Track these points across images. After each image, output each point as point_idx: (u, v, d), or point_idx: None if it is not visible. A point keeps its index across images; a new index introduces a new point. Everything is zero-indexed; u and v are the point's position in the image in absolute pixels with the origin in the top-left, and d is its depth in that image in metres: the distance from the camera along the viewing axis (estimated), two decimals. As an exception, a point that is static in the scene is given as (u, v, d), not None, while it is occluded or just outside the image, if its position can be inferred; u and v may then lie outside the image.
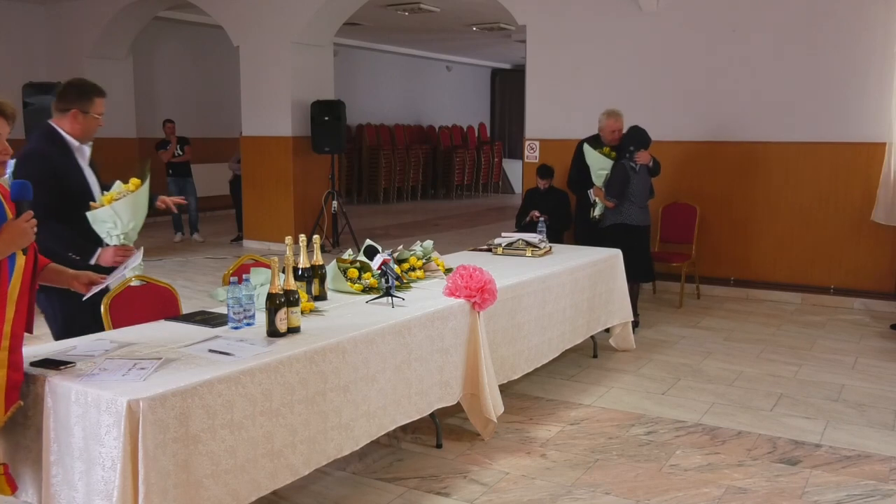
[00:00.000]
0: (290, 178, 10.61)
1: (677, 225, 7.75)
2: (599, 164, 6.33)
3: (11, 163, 3.29)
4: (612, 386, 5.08)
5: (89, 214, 3.60)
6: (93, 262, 3.48)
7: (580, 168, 6.55)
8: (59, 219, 3.54)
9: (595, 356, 5.65)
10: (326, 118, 10.36)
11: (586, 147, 6.45)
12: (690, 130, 7.98)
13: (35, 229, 2.68)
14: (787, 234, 7.68)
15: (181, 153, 11.06)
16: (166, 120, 11.28)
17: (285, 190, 10.64)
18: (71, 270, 3.08)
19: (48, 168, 3.58)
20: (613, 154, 6.30)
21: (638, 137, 6.26)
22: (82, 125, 3.72)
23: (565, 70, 8.55)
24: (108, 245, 3.63)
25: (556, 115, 8.58)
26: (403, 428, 3.90)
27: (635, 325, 6.07)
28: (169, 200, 4.10)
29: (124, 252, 3.61)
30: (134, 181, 3.70)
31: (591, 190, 6.43)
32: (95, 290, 3.04)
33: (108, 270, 3.49)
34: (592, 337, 5.55)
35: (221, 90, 14.06)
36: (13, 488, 2.77)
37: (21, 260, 2.67)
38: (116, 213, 3.61)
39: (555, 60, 8.61)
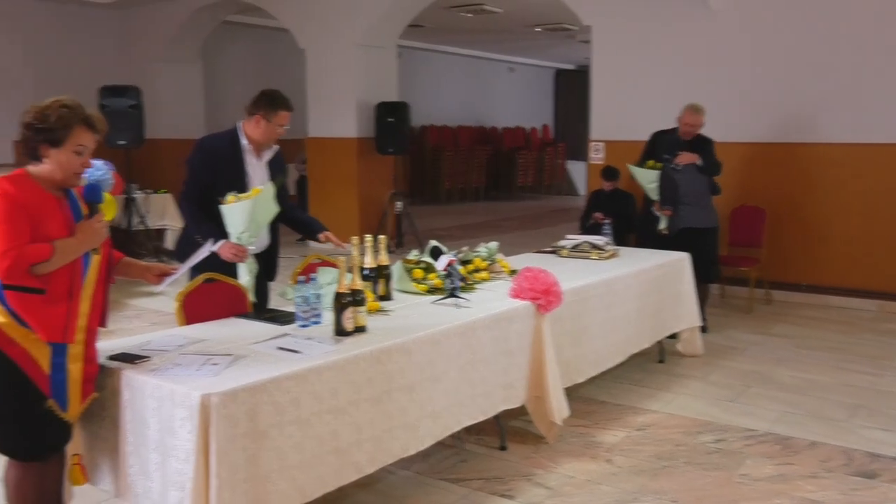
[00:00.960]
0: (354, 178, 10.71)
1: (746, 228, 7.56)
2: (647, 178, 6.28)
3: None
4: (680, 392, 4.99)
5: (221, 208, 3.76)
6: (213, 249, 3.56)
7: (645, 157, 6.54)
8: (202, 204, 3.85)
9: (661, 361, 5.56)
10: (390, 119, 10.43)
11: (631, 168, 6.46)
12: (760, 131, 7.79)
13: (106, 230, 2.77)
14: (860, 239, 7.43)
15: None
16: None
17: (350, 191, 10.74)
18: (143, 263, 3.18)
19: (207, 156, 3.96)
20: (659, 165, 6.22)
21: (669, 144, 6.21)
22: (263, 131, 3.95)
23: (631, 70, 8.43)
24: (236, 240, 3.78)
25: (621, 115, 8.47)
26: (468, 429, 3.89)
27: (703, 330, 5.95)
28: (334, 239, 4.10)
29: (237, 251, 3.75)
30: (255, 189, 3.80)
31: (653, 207, 6.34)
32: (168, 281, 3.11)
33: (229, 266, 3.77)
34: (659, 342, 5.46)
35: (287, 92, 14.11)
36: (86, 478, 2.86)
37: (95, 258, 2.76)
38: (229, 214, 3.74)
39: (620, 60, 8.51)
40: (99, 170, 7.39)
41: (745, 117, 7.79)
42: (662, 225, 6.24)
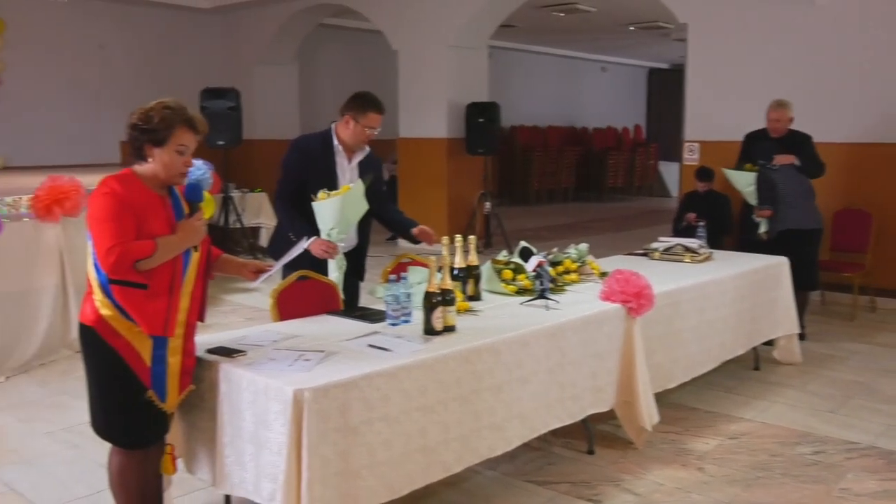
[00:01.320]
0: (443, 178, 10.77)
1: (850, 232, 7.24)
2: (745, 182, 6.13)
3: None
4: (776, 401, 4.83)
5: (312, 204, 3.88)
6: (305, 246, 3.65)
7: (741, 160, 6.37)
8: (295, 202, 3.97)
9: (757, 368, 5.39)
10: (481, 120, 10.45)
11: (726, 172, 6.31)
12: (866, 131, 7.45)
13: (205, 228, 2.87)
14: (976, 245, 7.03)
15: None
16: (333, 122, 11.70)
17: (439, 191, 10.81)
18: (240, 260, 3.26)
19: (300, 156, 4.07)
20: (755, 167, 6.04)
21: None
22: (351, 132, 4.01)
23: (729, 69, 8.20)
24: (325, 237, 3.88)
25: (717, 115, 8.24)
26: (555, 432, 3.86)
27: (801, 337, 5.74)
28: (428, 231, 4.14)
29: (326, 247, 3.84)
30: (345, 187, 3.90)
31: (754, 214, 6.14)
32: (263, 277, 3.18)
33: (320, 263, 3.90)
34: (754, 348, 5.29)
35: (379, 94, 14.36)
36: (175, 468, 2.97)
37: (195, 255, 2.85)
38: (319, 211, 3.86)
39: (717, 59, 8.28)
40: (199, 169, 7.66)
41: (851, 116, 7.47)
42: (763, 229, 6.06)
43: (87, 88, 11.61)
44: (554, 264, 4.36)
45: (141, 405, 2.77)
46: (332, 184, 3.96)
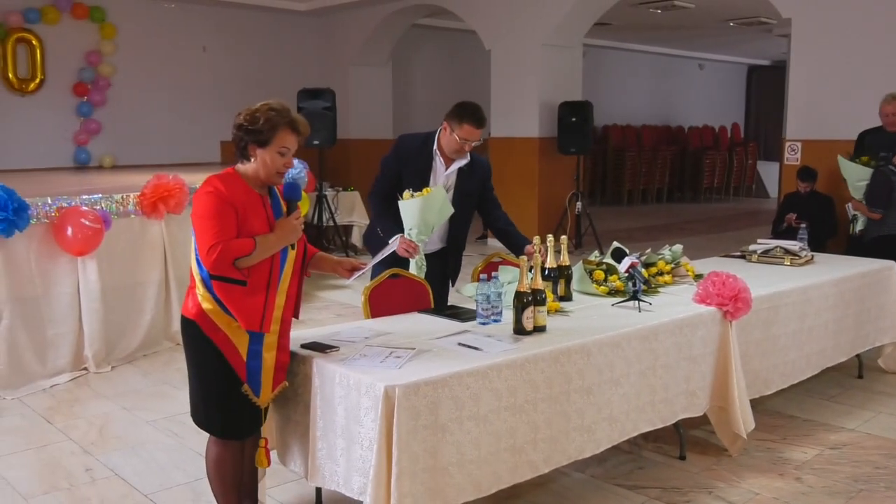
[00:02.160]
0: (535, 178, 10.72)
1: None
2: (857, 175, 5.96)
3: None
4: (881, 411, 4.61)
5: (399, 203, 3.94)
6: (391, 243, 3.78)
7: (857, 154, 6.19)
8: (389, 199, 4.03)
9: (860, 377, 5.17)
10: (573, 119, 10.35)
11: (841, 160, 6.12)
12: None
13: (303, 226, 2.94)
14: None
15: None
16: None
17: (530, 190, 10.76)
18: (334, 257, 3.30)
19: (399, 152, 4.13)
20: (873, 162, 5.84)
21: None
22: (447, 139, 4.02)
23: (834, 65, 7.87)
24: (405, 236, 3.93)
25: (821, 113, 7.93)
26: (645, 436, 3.80)
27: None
28: (409, 248, 3.94)
29: (407, 246, 3.89)
30: (427, 189, 3.93)
31: (850, 204, 6.01)
32: (357, 275, 3.23)
33: (403, 261, 3.96)
34: (858, 356, 5.08)
35: (472, 93, 14.43)
36: (269, 462, 3.04)
37: (291, 253, 2.93)
38: (402, 210, 3.92)
39: (823, 55, 7.96)
40: (294, 168, 7.86)
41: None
42: (858, 226, 5.91)
43: (191, 90, 12.06)
44: (647, 266, 4.28)
45: (237, 398, 2.86)
46: (422, 186, 3.98)
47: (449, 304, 4.12)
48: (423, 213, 3.90)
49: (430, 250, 4.06)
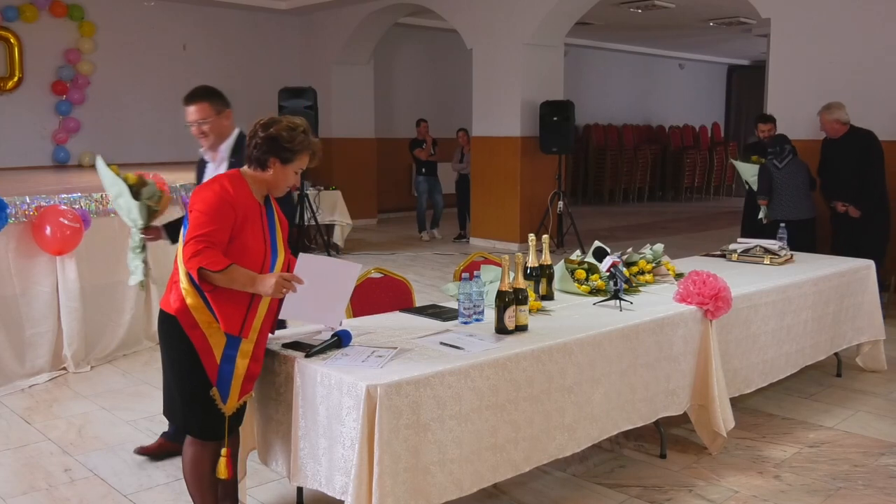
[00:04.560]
0: (516, 177, 10.74)
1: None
2: (750, 172, 7.12)
3: None
4: (859, 409, 4.66)
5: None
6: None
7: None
8: None
9: (839, 375, 5.22)
10: (555, 118, 10.38)
11: (734, 162, 7.52)
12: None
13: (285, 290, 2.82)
14: None
15: (434, 153, 11.52)
16: (420, 119, 11.74)
17: (512, 189, 10.78)
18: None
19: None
20: (763, 160, 6.99)
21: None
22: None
23: (813, 66, 7.93)
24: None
25: (800, 114, 7.99)
26: (626, 434, 3.82)
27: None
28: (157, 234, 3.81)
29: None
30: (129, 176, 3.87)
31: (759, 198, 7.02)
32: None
33: None
34: (836, 354, 5.13)
35: (454, 92, 14.54)
36: (230, 474, 2.93)
37: (279, 263, 2.91)
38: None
39: (801, 55, 8.02)
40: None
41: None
42: (762, 214, 6.93)
43: (171, 88, 11.93)
44: (628, 265, 4.30)
45: (210, 400, 2.83)
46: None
47: (431, 303, 4.12)
48: (117, 199, 3.77)
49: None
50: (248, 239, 2.78)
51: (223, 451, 2.91)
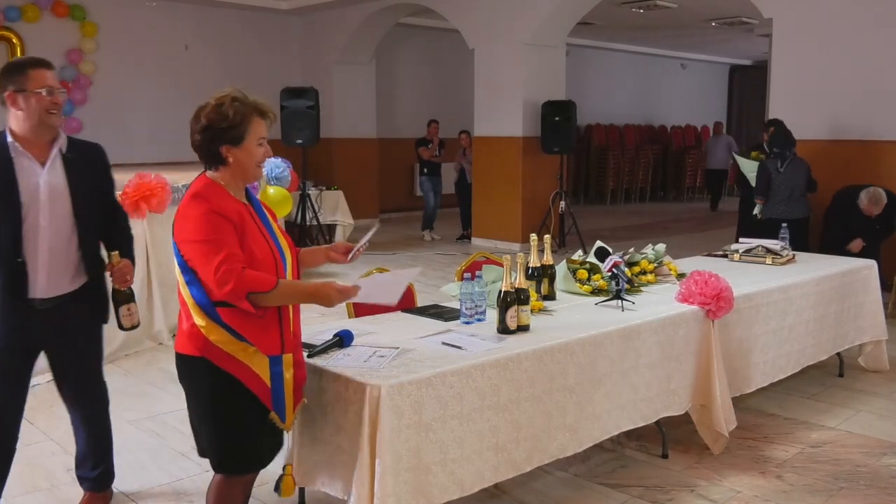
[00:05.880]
0: (518, 177, 10.74)
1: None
2: (750, 168, 7.46)
3: None
4: (861, 409, 4.66)
5: None
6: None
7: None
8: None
9: (841, 375, 5.21)
10: (557, 118, 10.38)
11: (736, 157, 7.95)
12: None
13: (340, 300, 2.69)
14: None
15: (438, 154, 11.52)
16: (432, 120, 11.75)
17: (514, 189, 10.78)
18: (322, 246, 3.01)
19: None
20: (762, 156, 7.35)
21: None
22: (25, 112, 2.92)
23: (816, 66, 7.93)
24: None
25: (802, 114, 7.99)
26: (628, 434, 3.82)
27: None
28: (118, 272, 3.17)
29: None
30: None
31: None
32: (354, 255, 2.91)
33: None
34: (839, 354, 5.12)
35: (455, 92, 14.53)
36: (294, 490, 2.80)
37: (289, 259, 2.71)
38: None
39: (804, 55, 8.02)
40: (278, 167, 7.85)
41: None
42: (756, 210, 7.14)
43: (173, 88, 11.99)
44: (630, 265, 4.30)
45: (262, 429, 2.58)
46: (8, 196, 2.86)
47: (433, 303, 4.12)
48: None
49: (58, 292, 3.02)
50: (253, 248, 2.51)
51: (287, 468, 2.76)
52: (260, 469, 2.69)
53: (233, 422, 2.55)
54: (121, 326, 3.29)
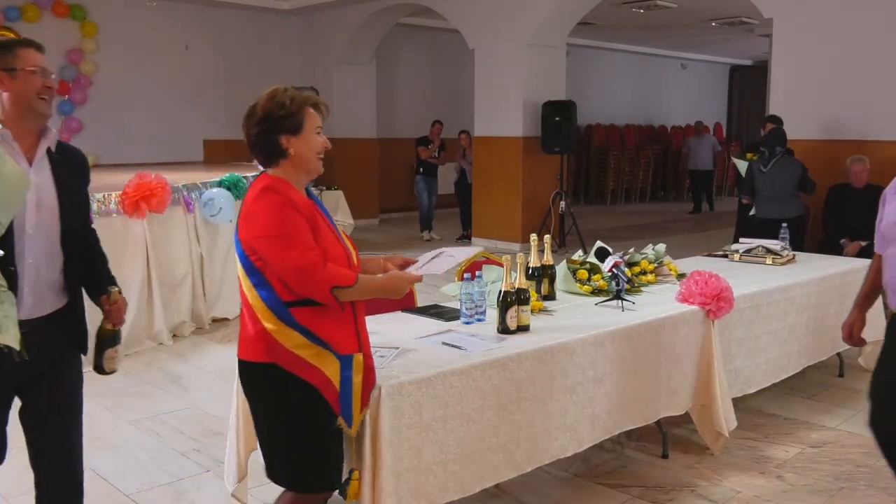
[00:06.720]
0: (518, 177, 10.74)
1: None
2: (744, 168, 7.65)
3: None
4: (861, 409, 4.64)
5: None
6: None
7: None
8: None
9: (841, 375, 5.21)
10: (557, 118, 10.37)
11: (733, 159, 8.17)
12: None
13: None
14: None
15: (437, 156, 11.52)
16: (436, 121, 11.75)
17: (514, 189, 10.78)
18: (380, 257, 2.80)
19: None
20: (755, 157, 7.44)
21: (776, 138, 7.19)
22: (14, 94, 2.46)
23: (815, 65, 7.92)
24: None
25: (802, 114, 7.99)
26: (628, 434, 3.82)
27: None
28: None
29: None
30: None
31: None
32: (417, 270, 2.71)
33: None
34: (839, 354, 5.12)
35: (456, 92, 14.53)
36: (360, 493, 2.63)
37: (353, 254, 2.60)
38: None
39: (804, 55, 8.02)
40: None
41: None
42: (752, 212, 7.28)
43: (173, 88, 12.00)
44: (630, 265, 4.30)
45: (332, 436, 2.46)
46: None
47: (433, 303, 4.12)
48: None
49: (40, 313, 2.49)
50: (326, 244, 2.38)
51: (355, 473, 2.58)
52: (334, 489, 2.51)
53: (306, 433, 2.41)
54: (101, 370, 2.83)
